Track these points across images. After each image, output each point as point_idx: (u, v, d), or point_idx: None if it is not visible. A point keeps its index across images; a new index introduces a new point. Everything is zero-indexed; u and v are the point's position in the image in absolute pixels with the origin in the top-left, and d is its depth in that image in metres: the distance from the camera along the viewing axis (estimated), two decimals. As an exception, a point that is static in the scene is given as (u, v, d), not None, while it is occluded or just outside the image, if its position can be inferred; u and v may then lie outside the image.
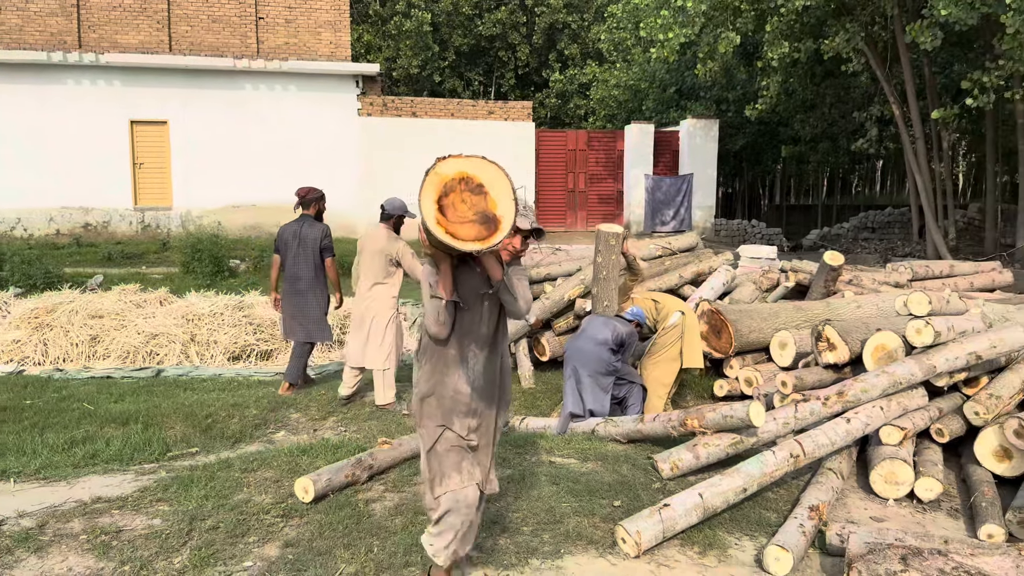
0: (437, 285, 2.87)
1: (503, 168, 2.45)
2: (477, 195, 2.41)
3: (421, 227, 2.70)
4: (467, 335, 3.01)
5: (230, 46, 18.05)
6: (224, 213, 17.69)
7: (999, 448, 4.67)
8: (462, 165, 2.40)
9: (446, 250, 2.79)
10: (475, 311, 3.00)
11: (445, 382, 3.03)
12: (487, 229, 2.44)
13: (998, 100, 14.44)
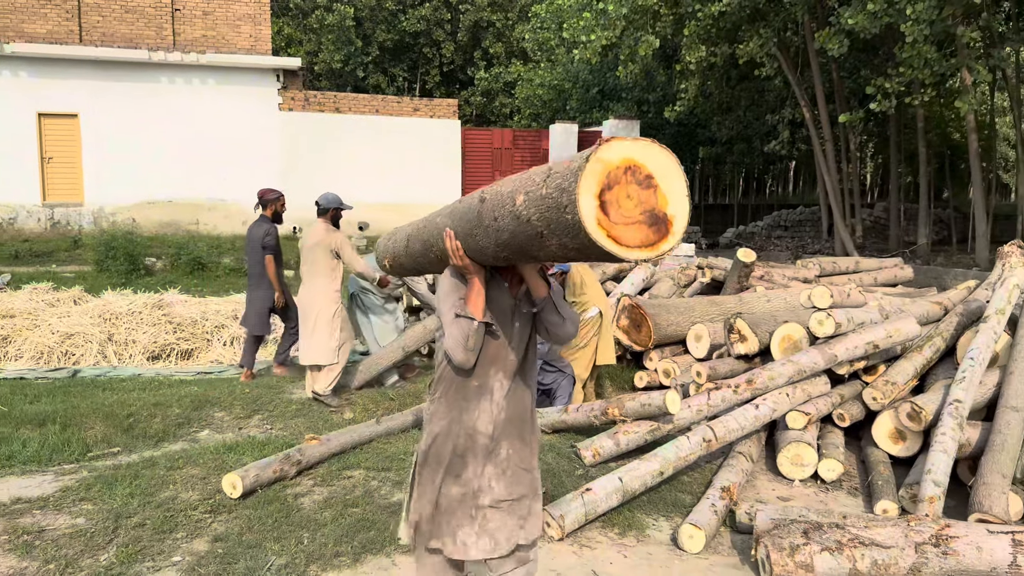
0: (465, 303, 2.43)
1: (673, 154, 1.97)
2: (645, 189, 1.92)
3: (450, 234, 2.39)
4: (493, 363, 2.54)
5: (144, 38, 17.51)
6: (139, 210, 17.16)
7: (894, 431, 5.03)
8: (629, 150, 1.92)
9: (508, 260, 2.31)
10: (503, 334, 2.55)
11: (462, 419, 2.54)
12: (656, 233, 1.92)
13: (900, 105, 15.26)
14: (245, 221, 17.74)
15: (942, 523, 3.62)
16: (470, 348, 2.43)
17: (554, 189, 1.89)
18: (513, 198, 2.06)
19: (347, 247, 6.40)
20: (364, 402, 6.56)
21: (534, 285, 2.54)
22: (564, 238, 1.91)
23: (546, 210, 1.91)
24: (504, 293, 2.57)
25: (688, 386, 5.64)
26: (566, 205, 1.82)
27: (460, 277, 2.53)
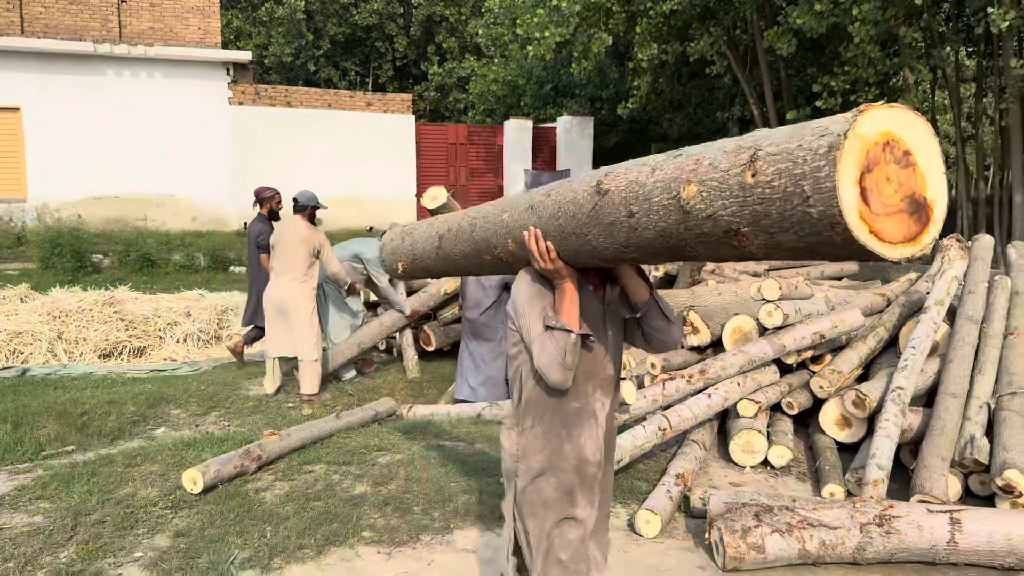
0: (557, 313, 2.12)
1: (927, 122, 1.60)
2: (904, 168, 1.53)
3: (536, 234, 2.12)
4: (589, 379, 2.24)
5: (89, 29, 17.08)
6: (85, 205, 16.76)
7: (840, 418, 5.22)
8: (885, 120, 1.52)
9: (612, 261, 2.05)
10: (598, 346, 2.25)
11: (565, 450, 2.22)
12: (917, 223, 1.55)
13: (845, 103, 15.67)
14: (195, 217, 17.48)
15: (885, 504, 3.80)
16: (568, 365, 2.10)
17: (777, 176, 1.52)
18: (672, 189, 1.73)
19: (328, 247, 6.42)
20: (323, 397, 6.57)
21: (634, 287, 2.24)
22: (786, 235, 1.56)
23: (757, 203, 1.56)
24: (591, 297, 2.27)
25: (643, 377, 5.77)
26: (809, 196, 1.47)
27: (543, 282, 2.20)
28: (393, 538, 3.74)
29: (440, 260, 2.74)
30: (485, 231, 2.41)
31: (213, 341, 8.59)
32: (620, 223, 1.86)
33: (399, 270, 3.01)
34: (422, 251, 2.82)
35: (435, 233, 2.73)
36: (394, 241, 3.05)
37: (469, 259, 2.57)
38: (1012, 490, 4.16)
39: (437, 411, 5.88)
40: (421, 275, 2.99)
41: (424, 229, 2.84)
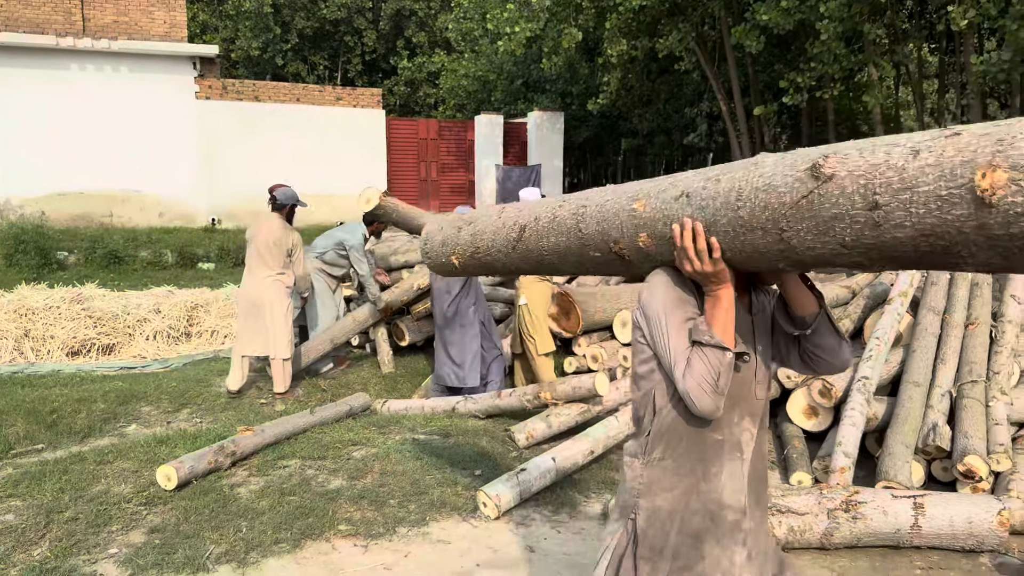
0: (709, 325, 1.78)
1: None
2: None
3: (698, 229, 1.75)
4: (736, 405, 1.89)
5: (52, 23, 16.77)
6: (49, 202, 16.47)
7: (807, 407, 5.33)
8: None
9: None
10: (748, 366, 1.91)
11: (700, 489, 1.88)
12: None
13: (811, 98, 15.91)
14: (162, 213, 17.27)
15: (852, 490, 3.90)
16: (721, 390, 1.76)
17: None
18: (957, 176, 1.36)
19: (301, 248, 6.36)
20: (296, 393, 6.55)
21: (801, 298, 1.92)
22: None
23: None
24: (742, 312, 1.94)
25: (615, 370, 5.85)
26: None
27: (687, 286, 1.86)
28: (369, 531, 3.76)
29: (518, 256, 2.37)
30: (600, 223, 2.05)
31: (183, 338, 8.52)
32: (851, 218, 1.50)
33: (455, 264, 2.63)
34: (490, 244, 2.45)
35: (512, 223, 2.36)
36: (444, 231, 2.68)
37: (565, 256, 2.22)
38: (973, 475, 4.29)
39: (412, 405, 5.90)
40: (482, 271, 2.66)
41: (493, 219, 2.47)
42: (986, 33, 16.47)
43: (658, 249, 1.91)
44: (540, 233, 2.25)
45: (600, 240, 2.05)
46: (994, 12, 10.47)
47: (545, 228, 2.23)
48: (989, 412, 4.76)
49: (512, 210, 2.43)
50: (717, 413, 1.78)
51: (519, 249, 2.34)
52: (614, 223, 2.00)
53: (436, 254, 2.72)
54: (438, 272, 2.78)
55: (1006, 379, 5.09)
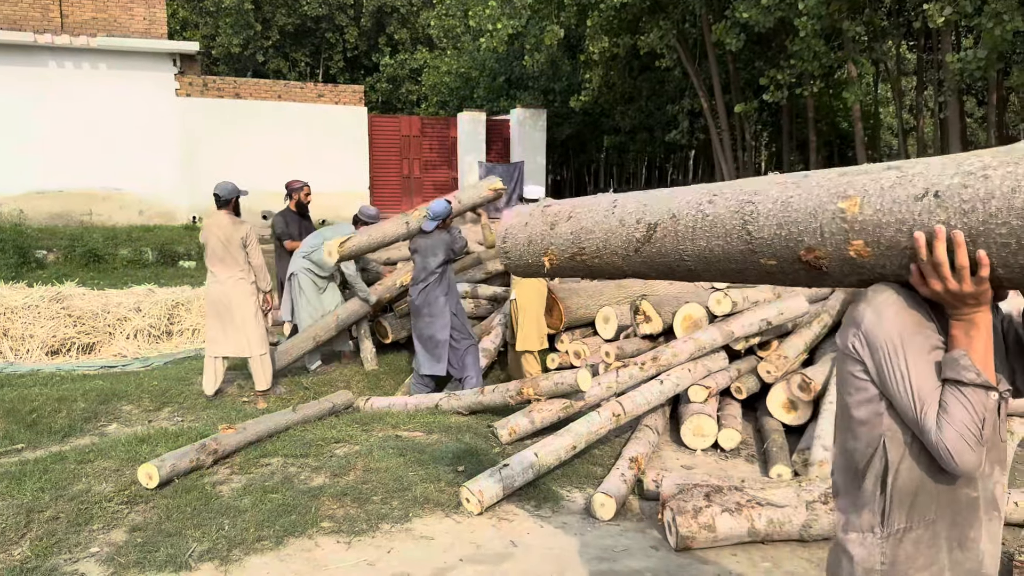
0: (969, 359, 1.44)
1: None
2: None
3: (950, 236, 1.42)
4: (988, 452, 1.52)
5: (29, 19, 16.58)
6: (27, 200, 16.28)
7: (787, 401, 5.39)
8: None
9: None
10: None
11: (957, 560, 1.56)
12: None
13: (791, 95, 16.03)
14: (142, 211, 17.13)
15: (830, 483, 3.95)
16: (985, 440, 1.43)
17: None
18: None
19: (255, 238, 6.29)
20: (278, 391, 6.54)
21: None
22: None
23: None
24: (998, 337, 1.63)
25: (598, 365, 5.88)
26: None
27: (923, 308, 1.52)
28: (352, 527, 3.77)
29: (641, 260, 2.03)
30: (783, 226, 1.68)
31: (164, 336, 8.47)
32: None
33: (544, 266, 2.28)
34: (602, 245, 2.09)
35: (635, 221, 2.01)
36: (531, 227, 2.32)
37: (716, 264, 1.86)
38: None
39: (395, 402, 5.91)
40: (583, 274, 2.25)
41: (604, 214, 2.11)
42: (963, 31, 16.66)
43: (877, 260, 1.55)
44: (680, 235, 1.88)
45: (781, 246, 1.68)
46: (970, 10, 10.60)
47: (689, 228, 1.87)
48: (964, 405, 4.84)
49: (631, 204, 2.06)
50: (978, 468, 1.45)
51: (645, 252, 1.98)
52: (808, 226, 1.62)
53: (519, 253, 2.34)
54: (520, 274, 2.43)
55: (981, 372, 5.17)
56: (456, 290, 6.50)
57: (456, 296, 6.43)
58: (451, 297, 6.30)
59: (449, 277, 6.32)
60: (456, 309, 6.33)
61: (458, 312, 6.34)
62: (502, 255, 2.44)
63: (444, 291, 6.22)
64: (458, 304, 6.43)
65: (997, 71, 12.35)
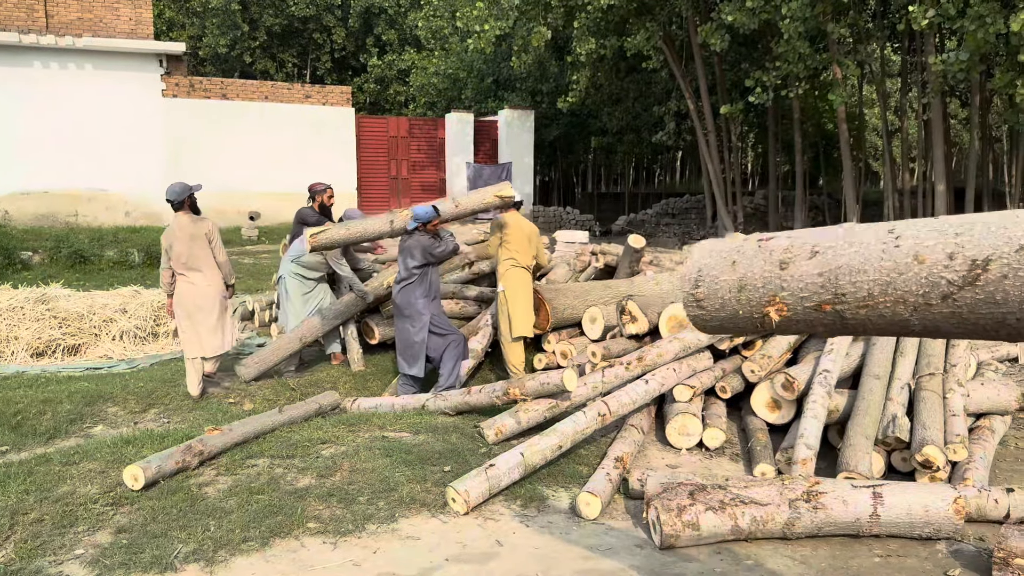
0: None
1: None
2: None
3: None
4: None
5: (14, 19, 16.48)
6: (11, 201, 16.20)
7: (771, 400, 5.43)
8: None
9: None
10: None
11: None
12: None
13: (777, 97, 16.13)
14: (128, 212, 17.06)
15: (812, 481, 3.99)
16: None
17: None
18: None
19: (218, 234, 6.28)
20: (265, 393, 6.54)
21: None
22: None
23: None
24: None
25: (584, 365, 5.91)
26: None
27: None
28: (338, 528, 3.78)
29: (951, 311, 1.53)
30: None
31: (150, 338, 8.43)
32: None
33: (770, 321, 1.78)
34: (883, 291, 1.59)
35: (946, 256, 1.52)
36: (741, 265, 1.84)
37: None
38: (931, 465, 4.41)
39: (382, 403, 5.92)
40: (830, 330, 1.77)
41: (876, 247, 1.62)
42: (947, 33, 16.81)
43: None
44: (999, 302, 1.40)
45: None
46: (953, 12, 10.70)
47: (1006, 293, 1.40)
48: (946, 404, 4.90)
49: (924, 233, 1.56)
50: None
51: (962, 300, 1.49)
52: None
53: (724, 303, 1.85)
54: (724, 332, 1.96)
55: (963, 371, 5.22)
56: (439, 293, 6.51)
57: (438, 300, 6.46)
58: (432, 300, 6.32)
59: (431, 280, 6.32)
60: (436, 311, 6.34)
61: (436, 313, 6.36)
62: (693, 306, 1.89)
63: (424, 293, 6.23)
64: (439, 306, 6.45)
65: (980, 73, 12.46)
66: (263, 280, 11.80)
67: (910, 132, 18.31)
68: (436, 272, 6.42)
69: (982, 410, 5.21)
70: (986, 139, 18.94)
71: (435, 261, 6.30)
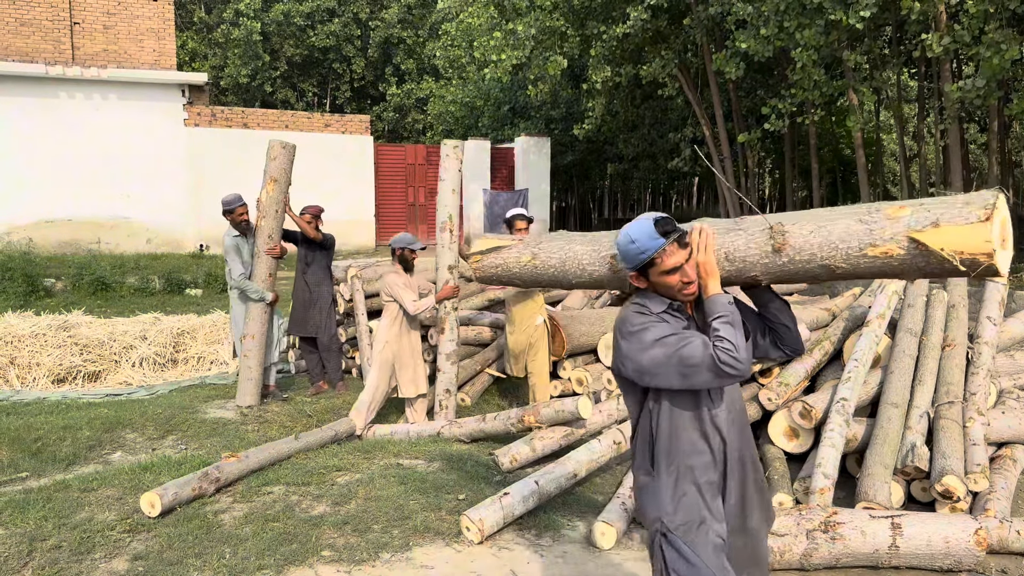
0: None
1: None
2: None
3: None
4: None
5: (42, 52, 16.88)
6: (36, 229, 16.47)
7: (788, 428, 5.39)
8: None
9: None
10: None
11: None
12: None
13: (793, 123, 16.15)
14: (150, 240, 17.28)
15: (830, 511, 3.95)
16: None
17: None
18: None
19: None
20: (281, 419, 6.56)
21: None
22: None
23: None
24: None
25: (600, 393, 5.90)
26: None
27: None
28: (352, 557, 3.78)
29: None
30: None
31: (170, 364, 8.52)
32: None
33: None
34: None
35: None
36: None
37: None
38: (951, 495, 4.35)
39: (397, 430, 5.93)
40: None
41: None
42: (964, 59, 16.80)
43: None
44: None
45: None
46: (968, 39, 10.70)
47: None
48: (966, 432, 4.83)
49: None
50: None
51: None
52: None
53: None
54: None
55: (983, 399, 5.16)
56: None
57: None
58: None
59: None
60: None
61: None
62: None
63: None
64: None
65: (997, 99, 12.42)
66: (282, 303, 11.87)
67: (928, 158, 18.24)
68: None
69: (1003, 439, 5.14)
70: (1005, 164, 18.83)
71: None
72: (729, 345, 2.19)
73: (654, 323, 2.33)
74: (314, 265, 7.36)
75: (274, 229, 6.79)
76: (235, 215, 6.90)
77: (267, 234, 6.76)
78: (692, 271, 2.33)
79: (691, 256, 2.33)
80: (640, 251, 2.31)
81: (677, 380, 2.26)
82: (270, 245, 6.75)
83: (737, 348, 2.19)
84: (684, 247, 2.32)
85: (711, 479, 2.36)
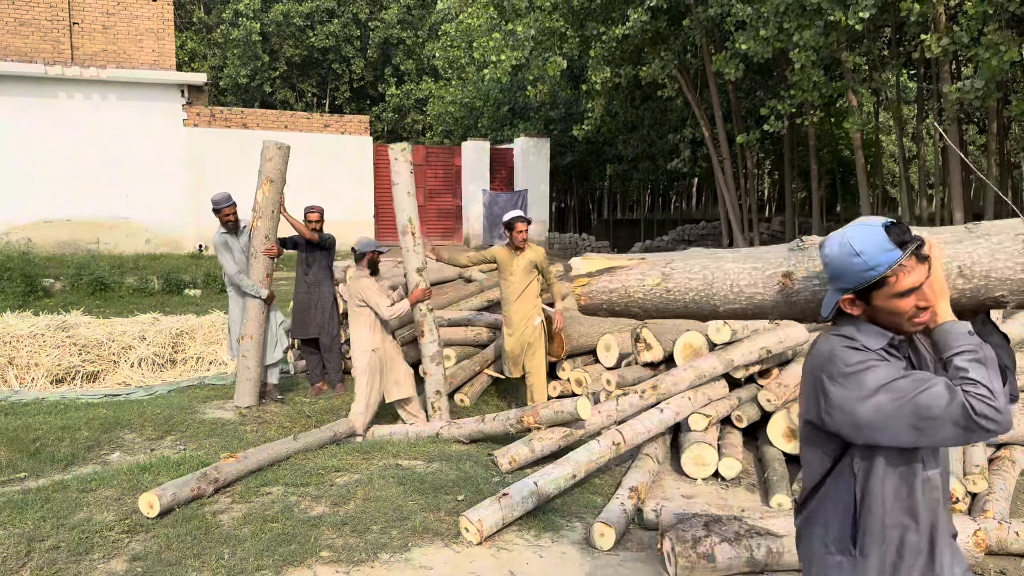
0: None
1: None
2: None
3: None
4: None
5: (41, 52, 16.87)
6: (34, 229, 16.46)
7: (788, 429, 5.39)
8: None
9: None
10: None
11: None
12: None
13: (792, 125, 16.13)
14: (149, 240, 17.27)
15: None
16: None
17: None
18: None
19: None
20: (280, 420, 6.56)
21: None
22: None
23: None
24: None
25: (599, 393, 5.90)
26: None
27: None
28: (351, 557, 3.78)
29: None
30: None
31: (168, 364, 8.51)
32: None
33: None
34: None
35: None
36: None
37: None
38: (950, 497, 4.34)
39: (396, 431, 5.93)
40: None
41: None
42: (963, 60, 16.81)
43: None
44: None
45: None
46: (967, 40, 10.70)
47: None
48: (965, 433, 4.83)
49: None
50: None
51: None
52: None
53: None
54: None
55: (981, 401, 5.16)
56: None
57: None
58: None
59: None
60: None
61: None
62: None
63: None
64: None
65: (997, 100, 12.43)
66: (282, 304, 11.87)
67: (927, 159, 18.25)
68: None
69: (1001, 440, 5.14)
70: (1004, 166, 18.85)
71: None
72: (984, 391, 1.69)
73: (875, 362, 1.81)
74: (315, 266, 7.36)
75: (271, 229, 6.80)
76: (222, 214, 6.99)
77: (264, 234, 6.77)
78: (931, 293, 1.84)
79: (931, 273, 1.84)
80: (868, 267, 1.81)
81: (908, 436, 1.76)
82: (267, 246, 6.76)
83: (995, 395, 1.69)
84: (923, 261, 1.82)
85: (920, 565, 1.89)
